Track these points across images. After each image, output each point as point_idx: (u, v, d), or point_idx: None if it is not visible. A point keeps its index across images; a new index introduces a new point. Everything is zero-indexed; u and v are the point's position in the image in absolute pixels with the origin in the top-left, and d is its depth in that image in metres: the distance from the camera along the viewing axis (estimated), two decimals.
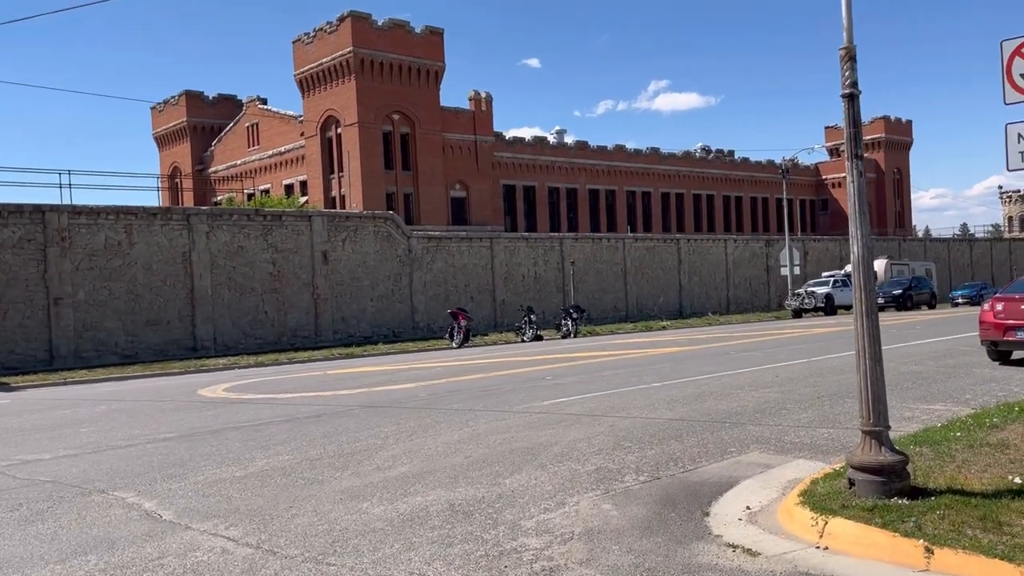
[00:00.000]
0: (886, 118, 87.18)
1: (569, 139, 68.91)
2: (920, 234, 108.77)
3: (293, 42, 51.66)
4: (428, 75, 50.74)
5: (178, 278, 29.70)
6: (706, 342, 24.71)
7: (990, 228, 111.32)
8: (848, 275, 48.31)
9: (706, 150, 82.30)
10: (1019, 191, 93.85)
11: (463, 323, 30.27)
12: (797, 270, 50.20)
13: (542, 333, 34.48)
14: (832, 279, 47.12)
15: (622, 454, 8.27)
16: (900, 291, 47.25)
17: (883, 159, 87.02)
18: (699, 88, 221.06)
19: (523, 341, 32.47)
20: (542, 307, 40.02)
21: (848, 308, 46.37)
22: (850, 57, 5.83)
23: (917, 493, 5.53)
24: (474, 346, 30.77)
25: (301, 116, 52.55)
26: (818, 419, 9.87)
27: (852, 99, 5.86)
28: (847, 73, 5.84)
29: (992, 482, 5.74)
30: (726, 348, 21.84)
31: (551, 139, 67.51)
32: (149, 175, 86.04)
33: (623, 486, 6.88)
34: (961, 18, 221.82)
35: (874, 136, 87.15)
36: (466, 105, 55.51)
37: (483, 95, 54.81)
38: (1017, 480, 5.72)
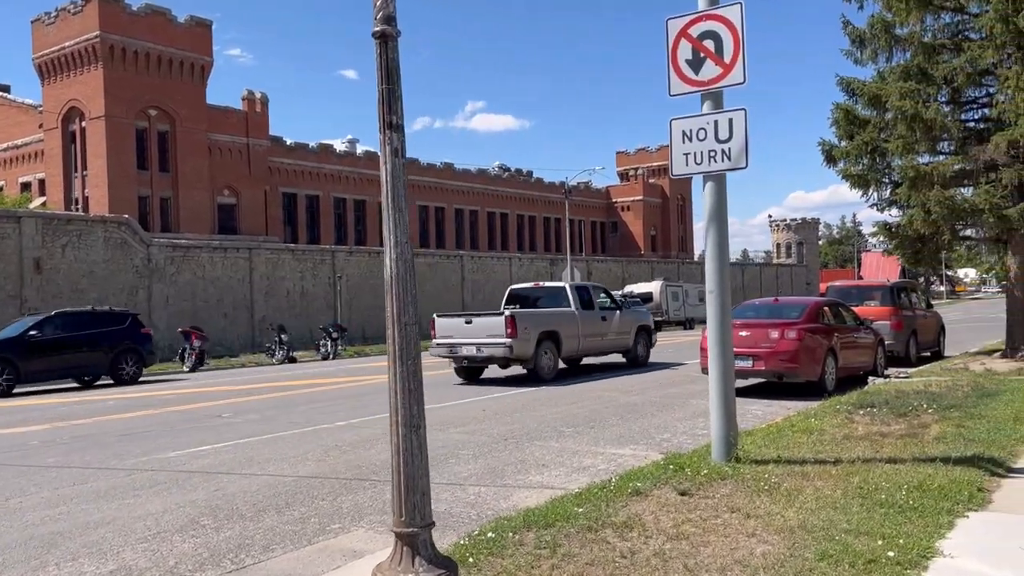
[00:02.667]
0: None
1: (360, 149, 66.18)
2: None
3: (33, 21, 45.38)
4: (193, 69, 46.23)
5: None
6: None
7: (763, 254, 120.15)
8: (627, 296, 49.16)
9: (503, 168, 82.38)
10: (785, 220, 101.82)
11: (196, 344, 26.80)
12: None
13: (296, 355, 31.60)
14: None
15: (181, 540, 6.02)
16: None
17: (668, 185, 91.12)
18: (514, 111, 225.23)
19: (275, 363, 29.45)
20: (310, 325, 36.94)
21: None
22: None
23: None
24: (211, 370, 27.35)
25: (41, 106, 46.26)
26: (486, 471, 8.08)
27: (385, 41, 3.95)
28: (380, 3, 3.93)
29: None
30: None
31: (340, 147, 64.44)
32: None
33: None
34: None
35: (661, 163, 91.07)
36: (253, 106, 51.39)
37: (258, 95, 50.91)
38: None
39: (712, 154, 6.68)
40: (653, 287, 52.26)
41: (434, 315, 18.52)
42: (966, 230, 16.80)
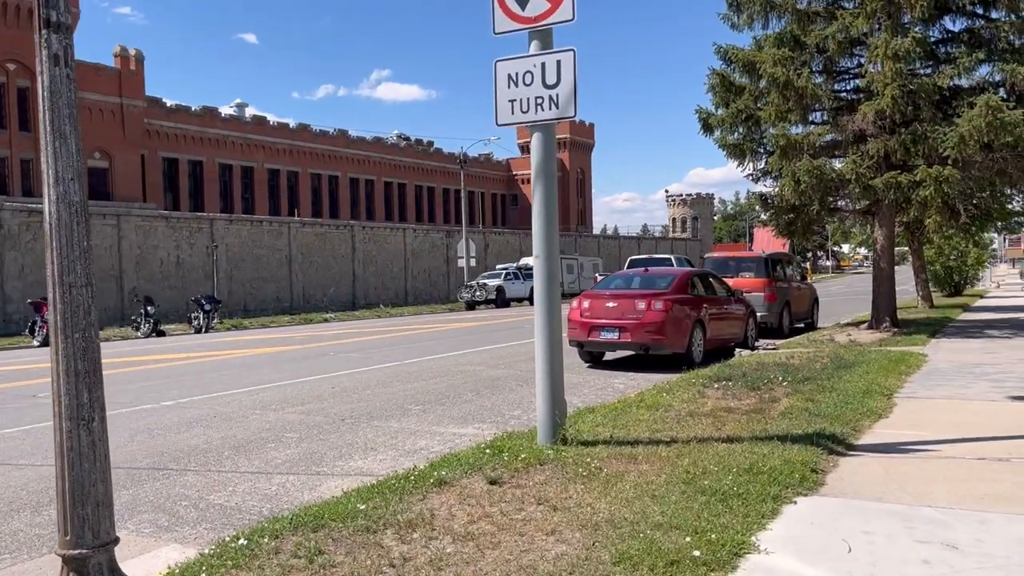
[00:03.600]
0: (571, 120, 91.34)
1: (249, 113, 63.23)
2: (609, 233, 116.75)
3: None
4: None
5: None
6: (329, 339, 21.93)
7: (660, 228, 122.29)
8: (521, 268, 48.79)
9: (402, 137, 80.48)
10: (681, 195, 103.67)
11: (48, 316, 24.67)
12: (473, 262, 49.64)
13: (166, 328, 29.78)
14: (505, 272, 46.98)
15: None
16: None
17: (568, 159, 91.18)
18: (420, 81, 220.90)
19: (140, 337, 27.59)
20: (187, 297, 34.83)
21: (520, 300, 46.73)
22: None
23: None
24: None
25: None
26: (304, 457, 7.23)
27: None
28: None
29: None
30: (344, 346, 19.16)
31: (230, 111, 61.41)
32: None
33: None
34: (648, 29, 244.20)
35: (561, 136, 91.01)
36: (127, 64, 47.97)
37: (132, 52, 47.57)
38: None
39: (539, 101, 5.95)
40: None
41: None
42: (837, 201, 16.82)
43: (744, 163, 16.88)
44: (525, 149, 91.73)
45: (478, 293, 44.21)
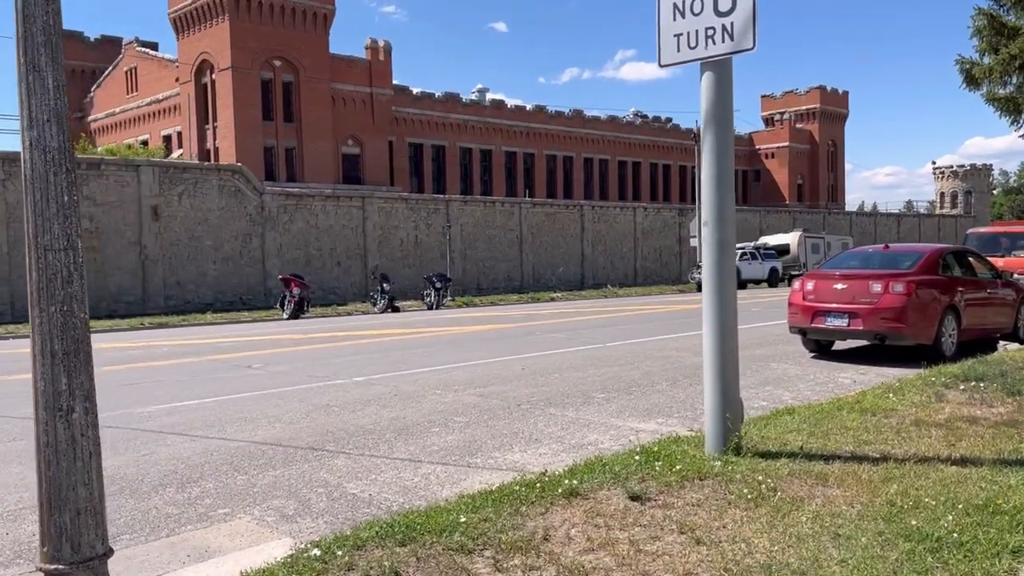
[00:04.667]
0: (822, 88, 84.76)
1: (489, 98, 65.11)
2: (868, 210, 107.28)
3: None
4: (316, 18, 46.35)
5: None
6: (544, 318, 21.61)
7: (927, 205, 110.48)
8: (759, 247, 45.94)
9: (639, 115, 79.10)
10: (951, 167, 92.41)
11: (296, 291, 26.74)
12: None
13: (402, 304, 31.24)
14: (741, 251, 44.42)
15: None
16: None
17: (818, 130, 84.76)
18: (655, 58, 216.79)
19: (377, 313, 29.17)
20: (423, 274, 36.38)
21: (758, 282, 43.98)
22: None
23: None
24: (311, 318, 27.33)
25: (178, 60, 47.95)
26: (463, 445, 6.73)
27: None
28: None
29: None
30: (554, 326, 18.75)
31: (471, 97, 63.62)
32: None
33: None
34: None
35: (809, 106, 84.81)
36: (376, 55, 51.28)
37: (381, 44, 50.53)
38: None
39: (710, 33, 4.86)
40: (790, 238, 48.70)
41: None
42: None
43: (1021, 120, 14.08)
44: (769, 122, 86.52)
45: None
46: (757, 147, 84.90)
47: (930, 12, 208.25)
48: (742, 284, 41.85)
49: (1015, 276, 14.15)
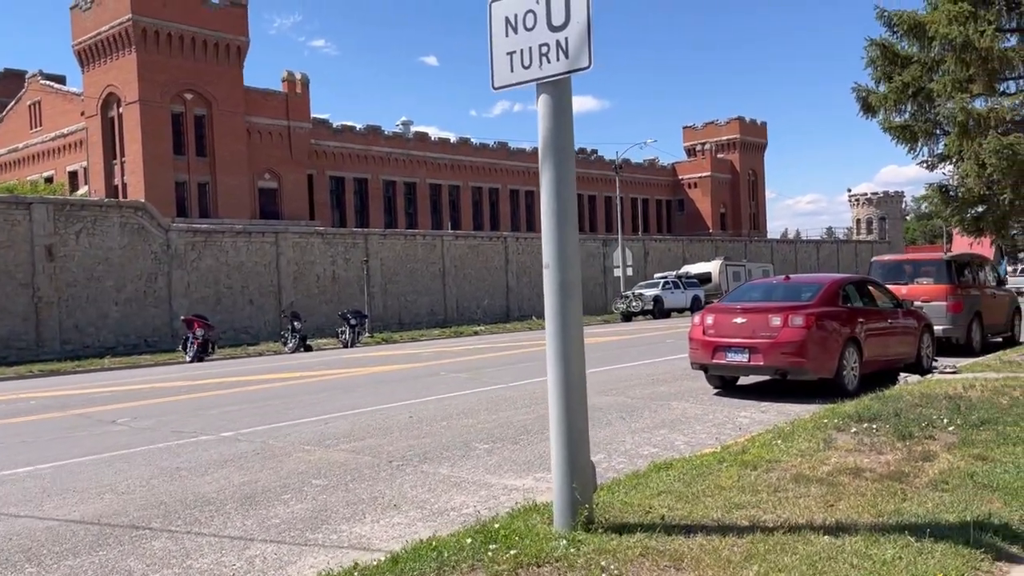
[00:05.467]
0: (741, 119, 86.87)
1: (412, 130, 64.55)
2: (790, 237, 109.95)
3: (71, 8, 45.05)
4: (229, 51, 45.16)
5: None
6: (454, 355, 20.87)
7: (845, 231, 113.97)
8: (681, 276, 46.19)
9: None
10: (866, 195, 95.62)
11: (200, 333, 25.44)
12: (630, 271, 47.67)
13: (315, 343, 30.13)
14: (663, 280, 44.65)
15: None
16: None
17: (738, 160, 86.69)
18: (594, 91, 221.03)
19: (288, 352, 27.99)
20: (342, 311, 35.21)
21: (681, 311, 44.06)
22: None
23: None
24: (218, 359, 26.04)
25: (83, 94, 46.08)
26: (312, 514, 5.93)
27: None
28: None
29: None
30: (461, 365, 18.03)
31: (395, 129, 62.93)
32: None
33: None
34: (820, 28, 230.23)
35: (730, 137, 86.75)
36: (293, 88, 50.18)
37: (298, 76, 49.56)
38: None
39: (544, 50, 4.31)
40: (712, 267, 49.16)
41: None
42: None
43: (916, 148, 14.09)
44: (692, 152, 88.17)
45: (634, 303, 42.24)
46: (680, 177, 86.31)
47: (841, 42, 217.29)
48: (666, 313, 41.95)
49: (915, 304, 14.08)
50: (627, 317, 42.14)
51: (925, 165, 14.42)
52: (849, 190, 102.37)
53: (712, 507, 4.86)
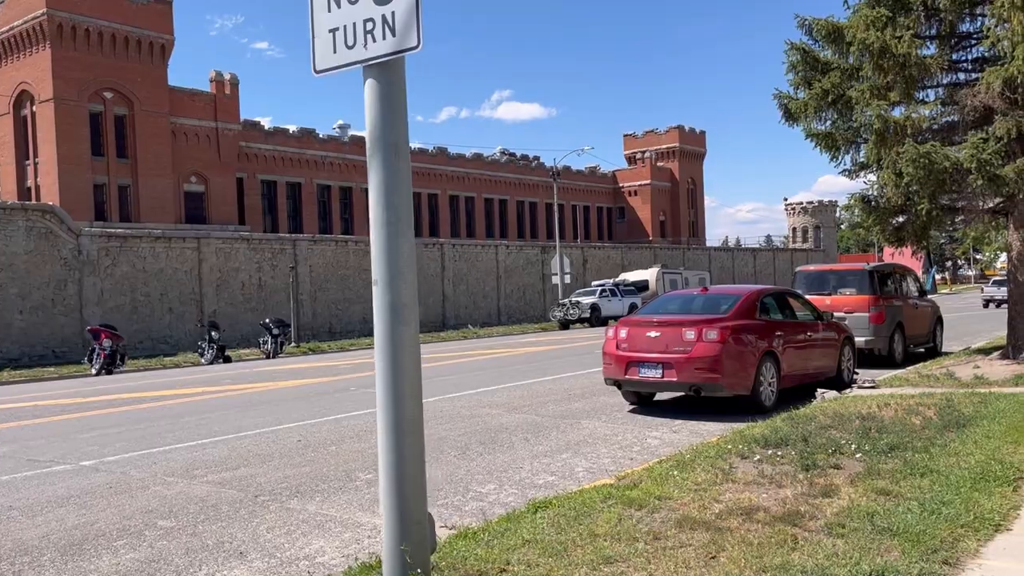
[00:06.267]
0: (680, 127, 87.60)
1: (349, 134, 63.23)
2: (729, 245, 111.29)
3: None
4: (152, 48, 43.45)
5: None
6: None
7: (782, 239, 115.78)
8: (619, 284, 45.97)
9: (505, 153, 79.14)
10: (802, 203, 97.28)
11: (107, 344, 24.05)
12: (568, 278, 47.27)
13: (236, 353, 28.92)
14: (600, 288, 44.34)
15: None
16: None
17: (678, 168, 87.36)
18: (541, 99, 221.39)
19: (204, 364, 26.74)
20: (264, 320, 34.00)
21: (617, 318, 43.84)
22: None
23: None
24: (127, 371, 24.71)
25: None
26: (122, 573, 5.12)
27: None
28: None
29: None
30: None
31: (331, 133, 61.57)
32: None
33: None
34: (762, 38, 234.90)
35: (669, 145, 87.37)
36: (222, 88, 48.53)
37: (227, 76, 47.99)
38: None
39: (370, 27, 3.64)
40: (649, 274, 49.07)
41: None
42: (957, 200, 13.46)
43: (838, 156, 13.82)
44: (632, 160, 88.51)
45: (571, 311, 41.85)
46: (621, 185, 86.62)
47: (778, 50, 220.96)
48: (603, 321, 41.63)
49: (838, 315, 13.79)
50: (564, 325, 41.75)
51: (847, 174, 14.18)
52: (785, 199, 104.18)
53: (579, 562, 4.21)
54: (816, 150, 14.09)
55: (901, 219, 13.65)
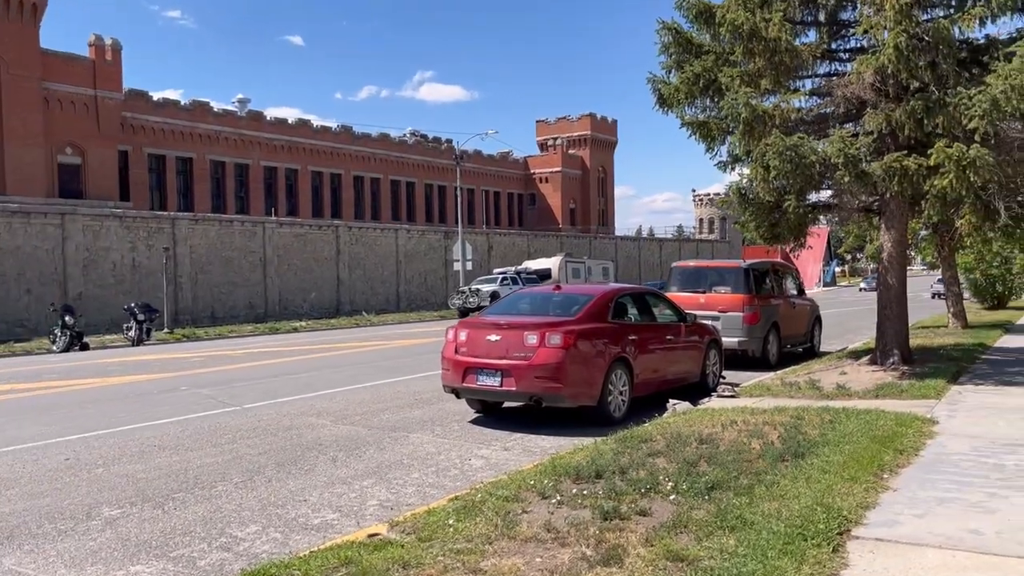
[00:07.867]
0: (592, 115, 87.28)
1: (247, 109, 60.26)
2: (645, 234, 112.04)
3: None
4: (23, 8, 39.91)
5: None
6: (230, 362, 18.43)
7: (691, 230, 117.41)
8: (520, 272, 45.09)
9: (415, 134, 77.19)
10: (708, 195, 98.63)
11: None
12: (470, 265, 46.16)
13: (94, 340, 26.73)
14: (502, 276, 43.32)
15: None
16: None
17: (589, 156, 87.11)
18: (463, 81, 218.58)
19: (58, 352, 24.53)
20: (128, 304, 31.58)
21: None
22: None
23: None
24: None
25: None
26: None
27: None
28: None
29: None
30: (218, 376, 15.70)
31: (228, 107, 58.56)
32: None
33: None
34: None
35: (581, 133, 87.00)
36: (102, 54, 45.15)
37: (108, 41, 44.62)
38: None
39: None
40: (552, 263, 48.34)
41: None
42: (830, 196, 12.86)
43: (714, 147, 13.01)
44: (544, 146, 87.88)
45: (470, 299, 40.71)
46: (532, 171, 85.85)
47: None
48: None
49: (711, 315, 13.06)
50: (464, 313, 40.58)
51: (722, 167, 13.41)
52: (694, 190, 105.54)
53: None
54: (692, 139, 13.26)
55: (775, 215, 12.94)
